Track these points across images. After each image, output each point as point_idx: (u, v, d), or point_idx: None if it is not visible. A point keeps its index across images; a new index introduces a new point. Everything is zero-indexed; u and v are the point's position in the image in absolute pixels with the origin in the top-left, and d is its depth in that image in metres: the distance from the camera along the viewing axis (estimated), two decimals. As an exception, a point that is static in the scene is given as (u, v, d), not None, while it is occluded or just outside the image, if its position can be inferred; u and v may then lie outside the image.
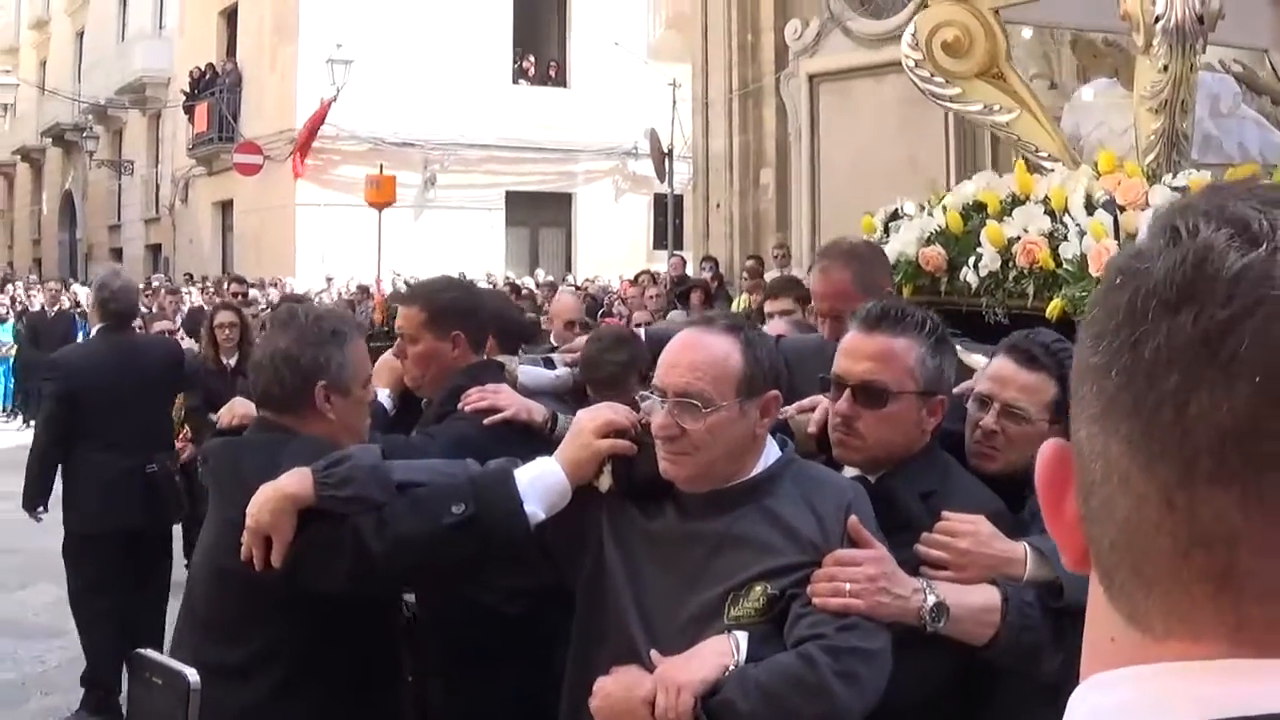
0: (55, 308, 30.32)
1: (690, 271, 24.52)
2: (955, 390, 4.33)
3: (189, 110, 44.23)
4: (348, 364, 4.49)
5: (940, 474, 4.13)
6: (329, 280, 33.07)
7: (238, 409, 4.97)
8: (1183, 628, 1.06)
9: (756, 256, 22.34)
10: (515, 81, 41.23)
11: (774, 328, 7.53)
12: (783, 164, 22.79)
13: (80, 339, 22.01)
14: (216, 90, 42.50)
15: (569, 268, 39.43)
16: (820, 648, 3.43)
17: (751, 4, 23.15)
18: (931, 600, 3.61)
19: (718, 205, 24.19)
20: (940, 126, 19.95)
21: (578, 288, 26.88)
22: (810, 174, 21.58)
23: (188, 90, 44.31)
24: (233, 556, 3.97)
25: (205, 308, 20.78)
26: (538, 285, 29.49)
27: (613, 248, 38.57)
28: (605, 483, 3.94)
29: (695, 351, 3.74)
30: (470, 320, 5.41)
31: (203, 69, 43.73)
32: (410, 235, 36.07)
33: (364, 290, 28.44)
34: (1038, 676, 3.67)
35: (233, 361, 11.75)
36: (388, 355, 5.72)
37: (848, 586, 3.53)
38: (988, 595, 3.68)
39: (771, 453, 3.86)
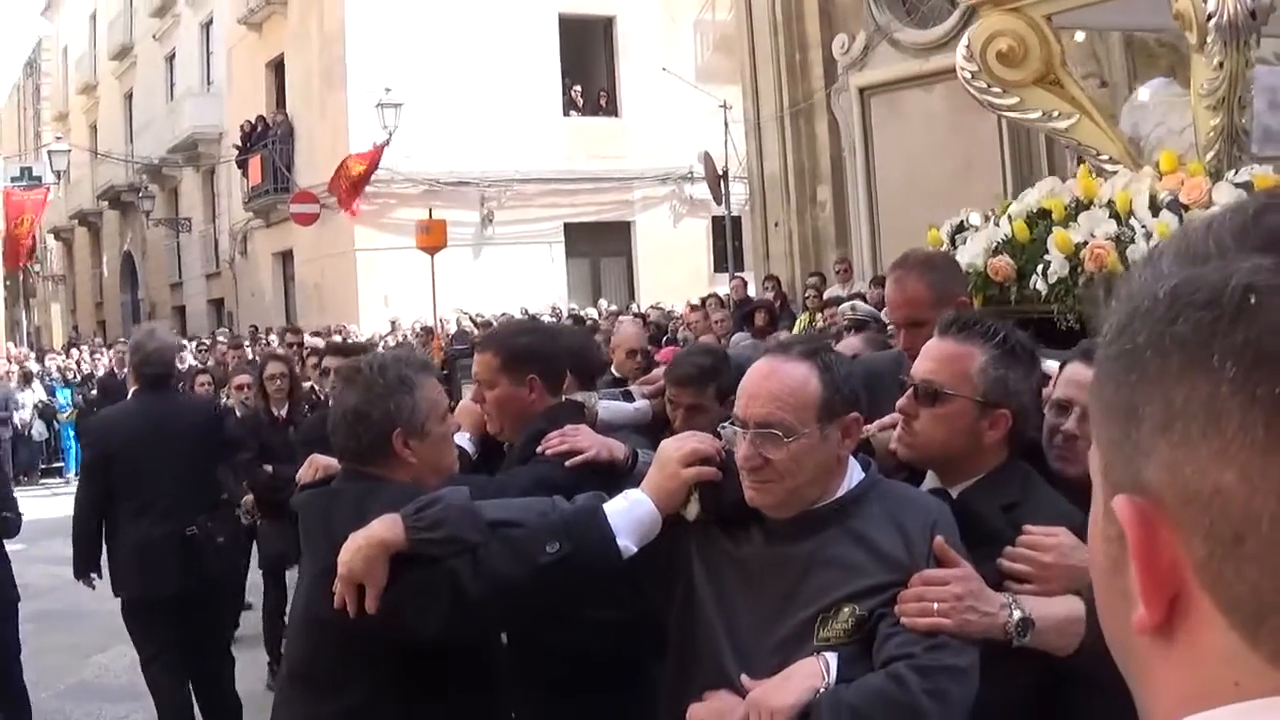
0: (124, 370, 30.50)
1: (752, 292, 24.47)
2: None
3: (242, 164, 44.19)
4: (419, 407, 4.50)
5: (1020, 486, 4.14)
6: (393, 323, 33.24)
7: (319, 462, 5.02)
8: None
9: (818, 273, 22.32)
10: (566, 113, 41.06)
11: (848, 345, 7.54)
12: (838, 179, 22.86)
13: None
14: (269, 142, 42.39)
15: (632, 296, 39.31)
16: (910, 667, 3.44)
17: (797, 21, 23.21)
18: (1017, 615, 3.64)
19: (776, 224, 24.22)
20: (994, 132, 19.99)
21: (639, 315, 26.85)
22: (866, 187, 21.66)
23: (239, 144, 44.29)
24: (327, 607, 3.99)
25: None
26: (602, 315, 29.47)
27: (674, 273, 38.43)
28: (693, 511, 3.97)
29: (773, 381, 3.77)
30: (545, 363, 5.44)
31: (253, 122, 43.67)
32: (471, 273, 36.17)
33: (428, 331, 28.50)
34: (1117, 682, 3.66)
35: (283, 412, 11.83)
36: (468, 400, 5.75)
37: (935, 606, 3.55)
38: (1071, 606, 3.69)
39: (855, 474, 3.89)
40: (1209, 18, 5.85)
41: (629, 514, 3.95)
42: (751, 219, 25.79)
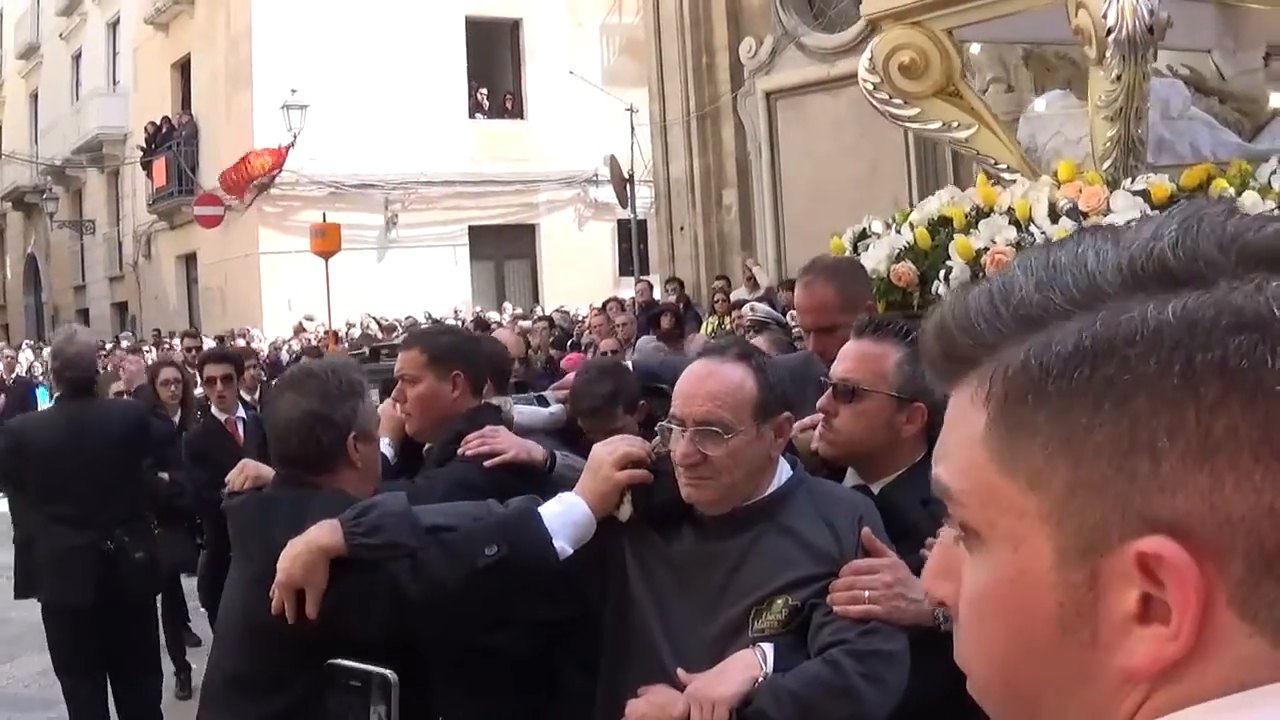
0: (13, 374, 30.00)
1: (657, 296, 24.48)
2: None
3: (147, 165, 43.74)
4: (369, 411, 4.62)
5: None
6: (300, 327, 33.09)
7: (249, 470, 5.03)
8: None
9: (724, 277, 22.36)
10: (472, 116, 40.96)
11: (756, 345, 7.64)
12: (744, 183, 22.91)
13: (41, 405, 21.64)
14: (173, 143, 41.96)
15: (536, 299, 39.27)
16: (845, 652, 3.61)
17: (705, 25, 23.26)
18: None
19: (681, 228, 24.25)
20: (900, 137, 20.03)
21: (544, 318, 26.80)
22: (772, 191, 21.72)
23: (144, 145, 43.88)
24: (265, 613, 4.03)
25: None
26: (507, 319, 29.40)
27: (579, 276, 38.34)
28: (626, 512, 4.10)
29: (711, 381, 3.90)
30: (469, 362, 5.52)
31: (158, 123, 43.19)
32: (375, 277, 36.18)
33: (333, 336, 28.38)
34: None
35: (176, 418, 11.69)
36: (386, 404, 5.80)
37: (866, 594, 3.72)
38: None
39: (784, 472, 4.04)
40: (1108, 32, 5.99)
41: (564, 516, 4.05)
42: (657, 222, 25.83)
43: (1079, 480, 1.11)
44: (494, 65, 42.25)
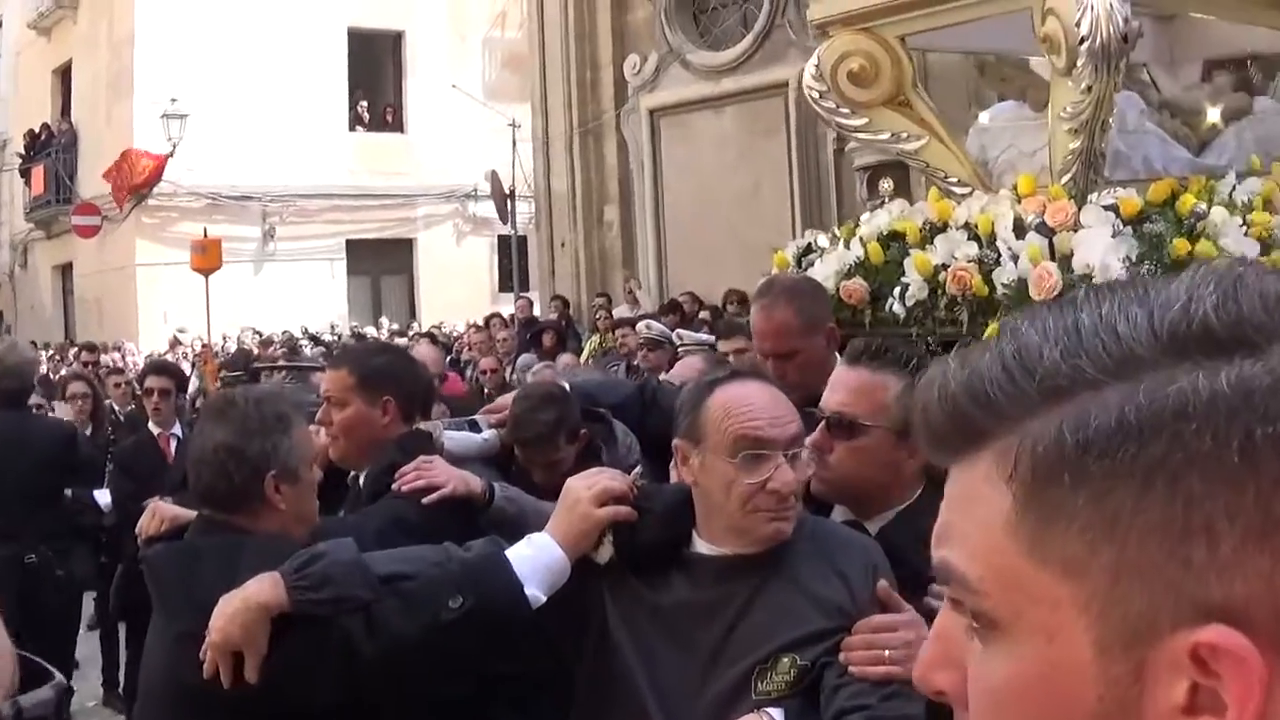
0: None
1: (538, 312, 24.36)
2: None
3: (25, 173, 43.32)
4: (295, 448, 4.21)
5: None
6: (173, 340, 32.46)
7: (162, 513, 4.70)
8: None
9: (605, 294, 22.31)
10: (352, 128, 40.78)
11: (688, 366, 7.39)
12: (626, 200, 22.94)
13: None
14: (52, 151, 41.58)
15: (413, 315, 39.18)
16: (867, 719, 3.29)
17: (590, 41, 23.25)
18: None
19: (563, 244, 24.20)
20: (783, 155, 20.20)
21: (428, 334, 26.56)
22: (654, 209, 21.74)
23: (23, 153, 43.41)
24: (194, 675, 3.62)
25: (52, 376, 20.07)
26: (384, 334, 29.13)
27: (457, 292, 38.21)
28: (606, 554, 3.72)
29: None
30: (402, 386, 5.18)
31: (37, 130, 42.75)
32: (252, 290, 35.78)
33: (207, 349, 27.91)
34: None
35: (86, 433, 11.33)
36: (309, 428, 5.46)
37: (888, 654, 3.38)
38: None
39: None
40: (1081, 41, 5.79)
41: (536, 560, 3.68)
42: (538, 238, 25.73)
43: (1124, 567, 1.02)
44: (375, 77, 42.15)
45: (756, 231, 19.57)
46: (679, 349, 12.68)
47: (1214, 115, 7.85)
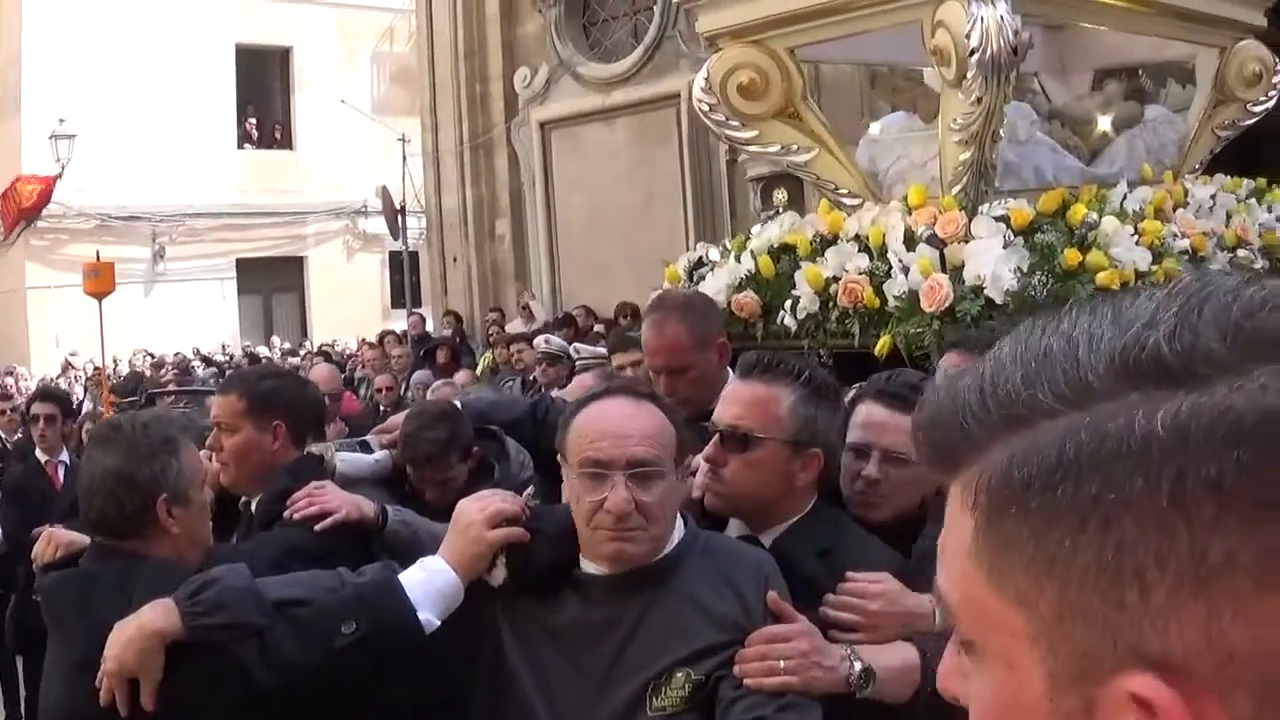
0: None
1: (431, 328, 24.20)
2: None
3: (-90, 194, 42.49)
4: (184, 470, 4.10)
5: (834, 531, 4.04)
6: (65, 364, 32.01)
7: (57, 539, 4.59)
8: None
9: (498, 309, 22.25)
10: (240, 145, 40.28)
11: (581, 384, 7.33)
12: (518, 214, 22.91)
13: None
14: (-60, 173, 40.90)
15: (305, 333, 38.81)
16: None
17: (479, 54, 23.15)
18: (859, 667, 3.53)
19: (454, 259, 24.09)
20: (675, 166, 20.20)
21: (323, 351, 26.36)
22: (546, 222, 21.73)
23: (-91, 173, 42.61)
24: (90, 705, 3.55)
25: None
26: (277, 353, 28.90)
27: (348, 309, 37.94)
28: (499, 576, 3.67)
29: (640, 420, 3.55)
30: (292, 410, 5.09)
31: (-77, 150, 42.09)
32: (142, 312, 35.30)
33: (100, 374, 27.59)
34: None
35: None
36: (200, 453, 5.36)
37: (782, 664, 3.39)
38: (906, 654, 3.62)
39: (678, 527, 3.68)
40: (971, 53, 5.78)
41: (429, 585, 3.62)
42: (429, 254, 25.54)
43: (1066, 605, 1.00)
44: (264, 94, 41.67)
45: (649, 244, 19.55)
46: (576, 364, 12.61)
47: (1105, 123, 7.91)
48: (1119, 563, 0.97)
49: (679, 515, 3.70)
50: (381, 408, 14.70)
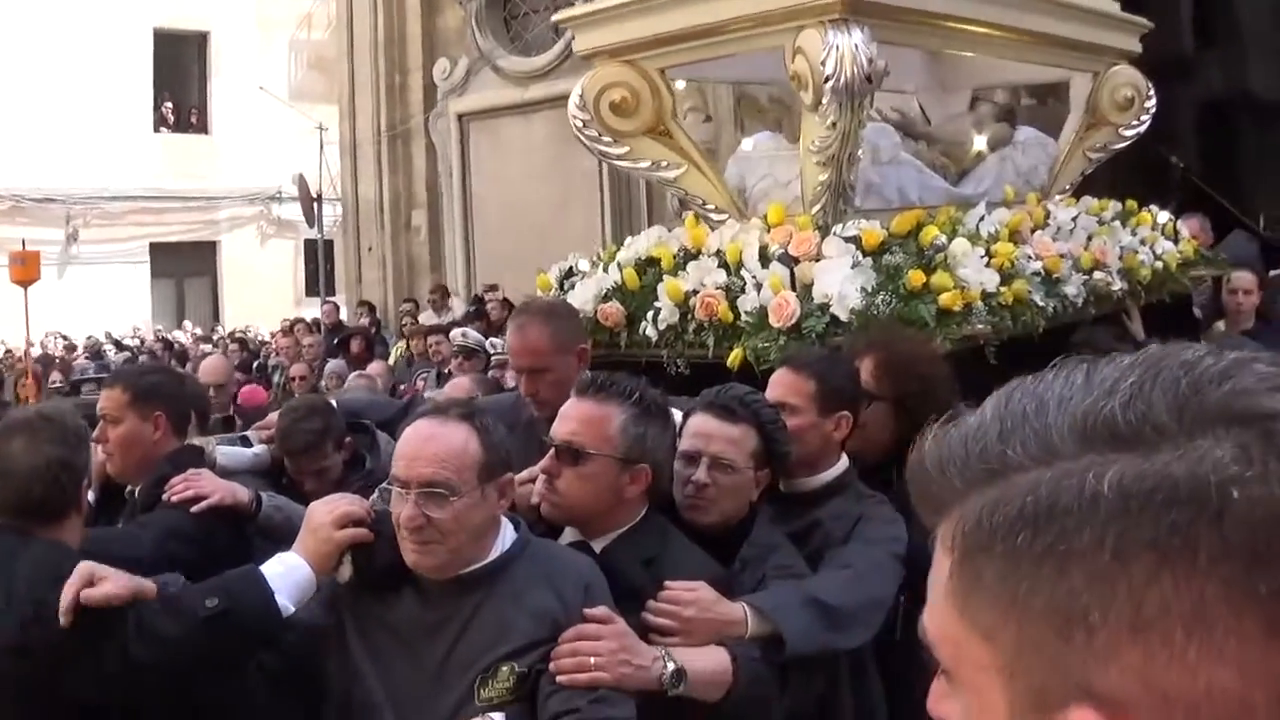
0: None
1: (345, 318, 24.13)
2: None
3: None
4: (92, 459, 4.53)
5: (659, 540, 4.30)
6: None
7: None
8: None
9: (412, 300, 22.19)
10: (156, 130, 40.09)
11: (458, 387, 7.48)
12: (434, 205, 22.80)
13: None
14: None
15: (216, 318, 38.68)
16: None
17: (399, 44, 23.11)
18: (670, 667, 3.81)
19: (369, 249, 24.03)
20: (594, 165, 20.10)
21: (237, 338, 26.24)
22: (463, 215, 21.65)
23: None
24: None
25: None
26: (190, 339, 28.74)
27: (261, 296, 37.83)
28: (345, 573, 3.98)
29: (435, 443, 3.81)
30: (172, 403, 5.40)
31: None
32: (55, 295, 34.90)
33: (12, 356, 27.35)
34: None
35: None
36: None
37: (592, 660, 3.66)
38: (719, 658, 3.94)
39: (508, 534, 3.96)
40: (826, 80, 5.95)
41: (286, 577, 3.93)
42: (344, 243, 25.49)
43: (1024, 642, 1.11)
44: (180, 78, 41.34)
45: (566, 239, 19.43)
46: (493, 358, 12.65)
47: (980, 143, 8.05)
48: (1069, 606, 1.08)
49: (511, 521, 4.00)
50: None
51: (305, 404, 6.34)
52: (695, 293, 6.19)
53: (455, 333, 14.92)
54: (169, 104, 40.68)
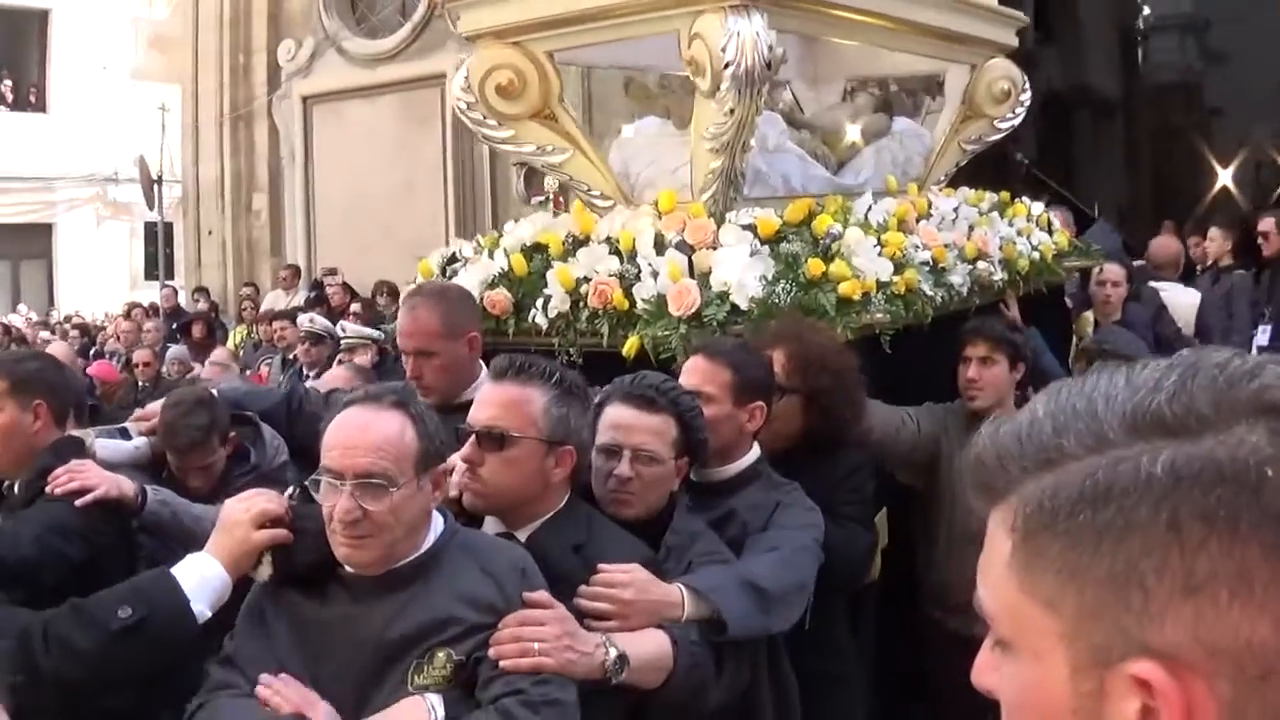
0: None
1: (183, 302, 23.77)
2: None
3: None
4: None
5: (586, 526, 4.21)
6: None
7: None
8: None
9: (252, 284, 21.97)
10: (-6, 108, 39.38)
11: (336, 377, 7.35)
12: (275, 189, 22.59)
13: None
14: None
15: (51, 302, 38.01)
16: (520, 703, 3.46)
17: (244, 24, 22.88)
18: (613, 653, 3.75)
19: (210, 232, 23.75)
20: (438, 149, 20.09)
21: (77, 325, 25.76)
22: (305, 198, 21.49)
23: None
24: None
25: None
26: (27, 323, 28.15)
27: (98, 279, 37.27)
28: (265, 573, 3.80)
29: (371, 431, 3.64)
30: (53, 392, 5.23)
31: None
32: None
33: None
34: (702, 710, 4.03)
35: None
36: None
37: (536, 646, 3.57)
38: (659, 642, 3.89)
39: (437, 525, 3.82)
40: (726, 65, 5.89)
41: (200, 579, 3.77)
42: (185, 226, 25.12)
43: (1085, 607, 1.28)
44: (19, 56, 40.59)
45: (409, 224, 19.52)
46: (342, 343, 12.49)
47: (854, 134, 8.05)
48: (1126, 574, 1.25)
49: (438, 512, 3.84)
50: (141, 383, 14.50)
51: (190, 397, 6.12)
52: (587, 280, 6.10)
53: (302, 318, 14.75)
54: (8, 82, 39.99)
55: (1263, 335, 11.89)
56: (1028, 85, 8.81)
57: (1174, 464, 1.24)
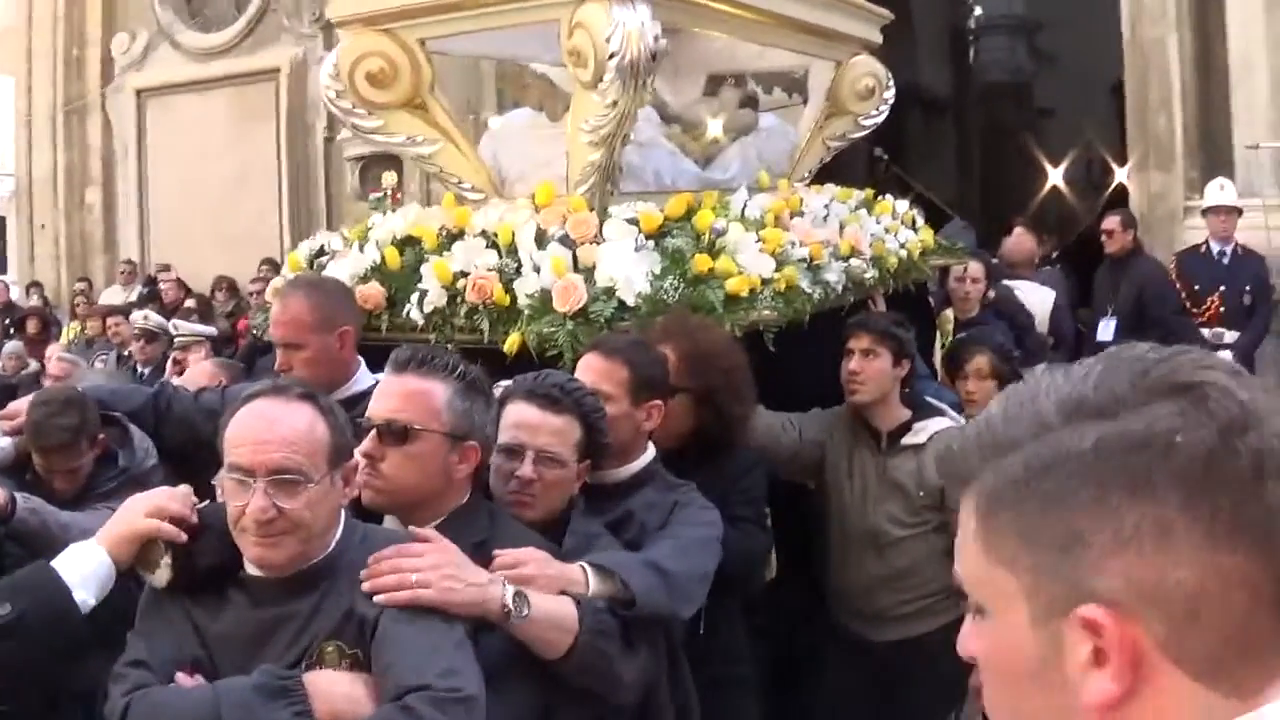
0: None
1: (16, 297, 23.25)
2: None
3: None
4: None
5: (488, 522, 4.07)
6: None
7: None
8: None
9: (86, 279, 21.63)
10: None
11: (202, 372, 7.16)
12: (109, 183, 22.27)
13: None
14: None
15: (-124, 296, 36.83)
16: (426, 699, 3.23)
17: (79, 15, 22.47)
18: (511, 590, 3.62)
19: (42, 226, 23.33)
20: (271, 142, 19.92)
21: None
22: (138, 192, 21.23)
23: None
24: None
25: None
26: None
27: (-77, 273, 36.33)
28: (164, 577, 3.58)
29: (282, 425, 3.48)
30: None
31: None
32: None
33: None
34: (613, 692, 3.89)
35: None
36: None
37: (414, 577, 3.44)
38: (562, 601, 3.76)
39: (340, 523, 3.65)
40: (611, 56, 5.78)
41: (82, 567, 3.55)
42: (17, 220, 24.63)
43: (1039, 565, 1.48)
44: None
45: (243, 219, 19.37)
46: (175, 340, 12.26)
47: (715, 129, 8.00)
48: (1069, 533, 1.44)
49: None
50: (-25, 378, 14.19)
51: (60, 396, 5.86)
52: (465, 274, 5.96)
53: (136, 315, 14.51)
54: None
55: (1105, 329, 12.09)
56: (891, 82, 8.81)
57: (1099, 439, 1.45)
